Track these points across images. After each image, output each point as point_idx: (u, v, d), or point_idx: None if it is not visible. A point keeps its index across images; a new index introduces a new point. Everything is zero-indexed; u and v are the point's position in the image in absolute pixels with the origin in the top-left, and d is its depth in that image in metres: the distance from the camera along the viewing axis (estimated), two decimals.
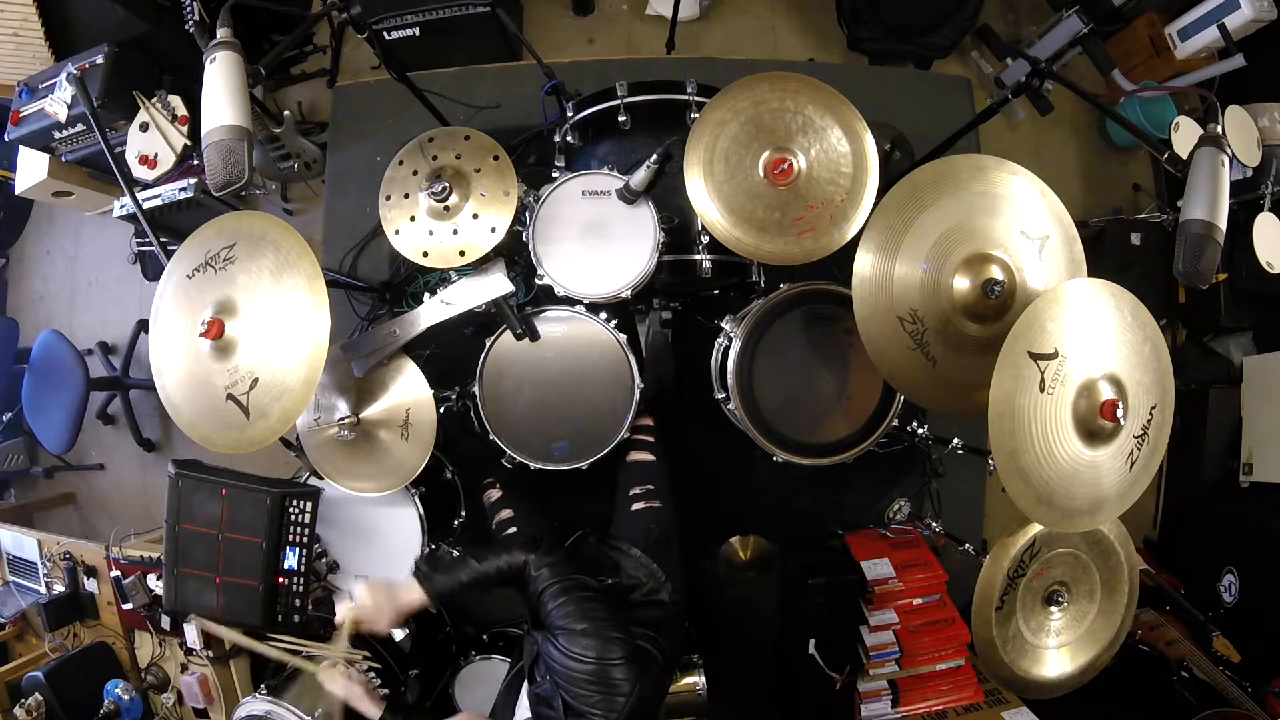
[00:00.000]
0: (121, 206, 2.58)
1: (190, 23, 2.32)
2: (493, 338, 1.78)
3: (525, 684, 1.34)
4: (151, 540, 2.14)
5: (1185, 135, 2.34)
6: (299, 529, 1.64)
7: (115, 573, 2.11)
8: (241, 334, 1.44)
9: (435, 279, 2.27)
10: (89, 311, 3.14)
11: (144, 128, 2.42)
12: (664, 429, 1.91)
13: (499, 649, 2.13)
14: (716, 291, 2.05)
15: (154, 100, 2.42)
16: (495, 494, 1.89)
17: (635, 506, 1.68)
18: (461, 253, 1.64)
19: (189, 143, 2.39)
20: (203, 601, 1.65)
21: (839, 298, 1.67)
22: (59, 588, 2.25)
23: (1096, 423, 1.28)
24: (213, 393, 1.45)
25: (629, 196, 1.64)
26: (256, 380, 1.42)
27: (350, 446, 1.76)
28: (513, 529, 1.79)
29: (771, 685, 2.24)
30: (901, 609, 1.98)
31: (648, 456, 1.78)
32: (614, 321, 1.76)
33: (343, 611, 1.32)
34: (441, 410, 1.79)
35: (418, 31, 2.47)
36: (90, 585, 2.22)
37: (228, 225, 1.51)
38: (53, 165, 2.60)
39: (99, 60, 2.33)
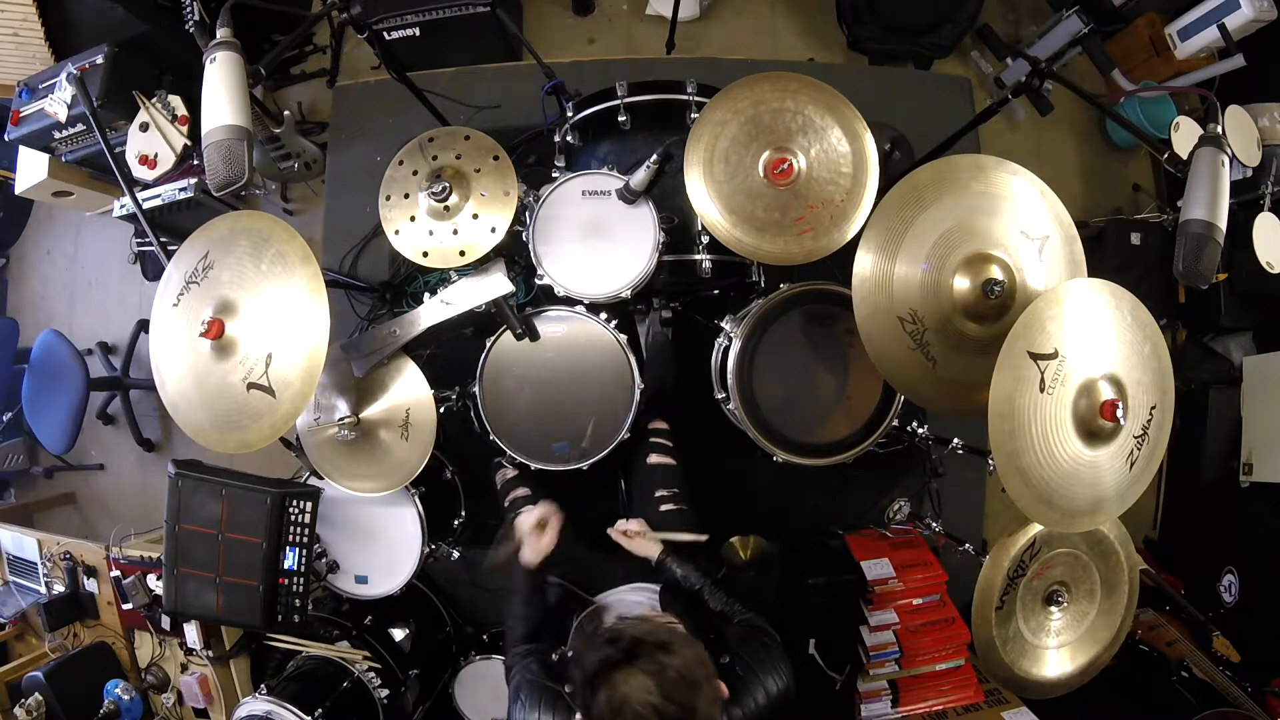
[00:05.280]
0: (121, 206, 2.58)
1: (190, 23, 2.31)
2: (493, 338, 1.78)
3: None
4: (151, 540, 2.14)
5: (1185, 135, 2.34)
6: (299, 529, 1.64)
7: (115, 573, 2.10)
8: (243, 325, 1.45)
9: (435, 279, 2.28)
10: (89, 311, 3.14)
11: (144, 128, 2.42)
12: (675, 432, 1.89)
13: (499, 649, 2.13)
14: (716, 291, 2.05)
15: (154, 100, 2.41)
16: (510, 472, 1.88)
17: (664, 508, 1.66)
18: (461, 253, 1.64)
19: (189, 143, 2.39)
20: (203, 601, 1.64)
21: (839, 298, 1.67)
22: (59, 588, 2.24)
23: (1096, 423, 1.28)
24: (233, 394, 1.45)
25: (629, 196, 1.64)
26: (271, 356, 1.43)
27: (350, 446, 1.77)
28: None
29: None
30: (901, 609, 1.98)
31: (669, 460, 1.76)
32: (614, 321, 1.76)
33: None
34: (441, 410, 1.80)
35: (418, 31, 2.47)
36: (90, 585, 2.21)
37: (197, 241, 1.54)
38: (53, 165, 2.60)
39: (99, 60, 2.33)
